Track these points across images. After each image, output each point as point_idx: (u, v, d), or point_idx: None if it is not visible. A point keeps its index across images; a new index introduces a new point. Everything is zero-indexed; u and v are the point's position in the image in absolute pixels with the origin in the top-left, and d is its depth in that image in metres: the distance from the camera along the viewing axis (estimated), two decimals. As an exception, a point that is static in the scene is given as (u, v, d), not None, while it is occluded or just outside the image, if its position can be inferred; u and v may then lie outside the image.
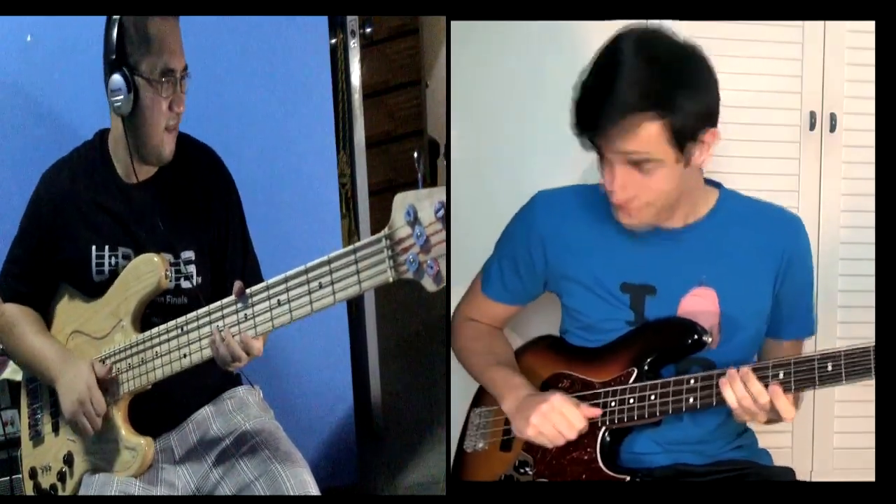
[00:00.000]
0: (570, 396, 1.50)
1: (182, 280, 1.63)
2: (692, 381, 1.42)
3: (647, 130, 1.34)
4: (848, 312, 2.12)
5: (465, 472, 1.66)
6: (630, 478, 1.46)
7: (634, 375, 1.49)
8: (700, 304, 1.50)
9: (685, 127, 1.35)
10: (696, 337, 1.46)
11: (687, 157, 1.39)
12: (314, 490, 1.55)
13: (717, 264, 1.50)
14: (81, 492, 1.62)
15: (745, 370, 1.35)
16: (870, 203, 1.97)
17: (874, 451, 1.63)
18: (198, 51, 1.62)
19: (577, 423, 1.45)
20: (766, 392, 1.33)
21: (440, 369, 2.04)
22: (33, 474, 1.73)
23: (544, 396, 1.48)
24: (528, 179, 1.72)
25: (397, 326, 3.39)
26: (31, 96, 2.04)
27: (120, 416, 1.58)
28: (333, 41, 2.36)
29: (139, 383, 1.54)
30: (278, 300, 1.35)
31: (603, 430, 1.49)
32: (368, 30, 2.48)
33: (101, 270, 1.63)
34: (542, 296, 1.70)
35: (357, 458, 2.52)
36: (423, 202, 1.16)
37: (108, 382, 1.57)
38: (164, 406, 1.64)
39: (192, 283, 1.63)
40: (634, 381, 1.48)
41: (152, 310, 1.60)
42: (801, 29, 2.06)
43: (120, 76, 1.52)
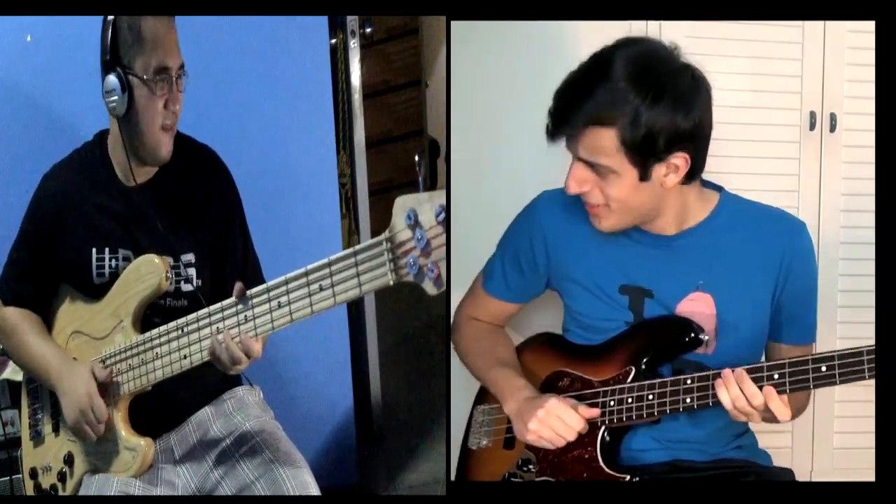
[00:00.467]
0: (568, 398, 1.51)
1: (182, 283, 1.63)
2: (689, 382, 1.42)
3: (597, 138, 1.36)
4: (848, 312, 2.13)
5: (470, 469, 1.67)
6: (630, 476, 1.47)
7: (632, 374, 1.49)
8: (696, 308, 1.50)
9: (643, 143, 1.35)
10: (692, 335, 1.46)
11: (648, 173, 1.38)
12: (314, 490, 1.55)
13: (714, 269, 1.50)
14: (81, 492, 1.62)
15: (740, 371, 1.35)
16: (870, 203, 1.97)
17: (874, 451, 1.62)
18: (198, 51, 1.62)
19: (574, 424, 1.46)
20: (761, 394, 1.33)
21: (440, 370, 2.04)
22: (34, 474, 1.73)
23: (541, 402, 1.48)
24: (528, 180, 1.71)
25: (397, 326, 3.39)
26: (31, 97, 2.04)
27: (120, 416, 1.58)
28: (333, 41, 2.36)
29: (139, 384, 1.54)
30: (278, 302, 1.35)
31: (602, 428, 1.50)
32: (368, 30, 2.48)
33: (101, 273, 1.63)
34: (543, 294, 1.70)
35: (357, 458, 2.52)
36: (423, 206, 1.16)
37: (107, 384, 1.57)
38: (164, 406, 1.64)
39: (192, 286, 1.63)
40: (632, 380, 1.49)
41: (153, 312, 1.59)
42: (801, 29, 2.06)
43: (114, 76, 1.51)
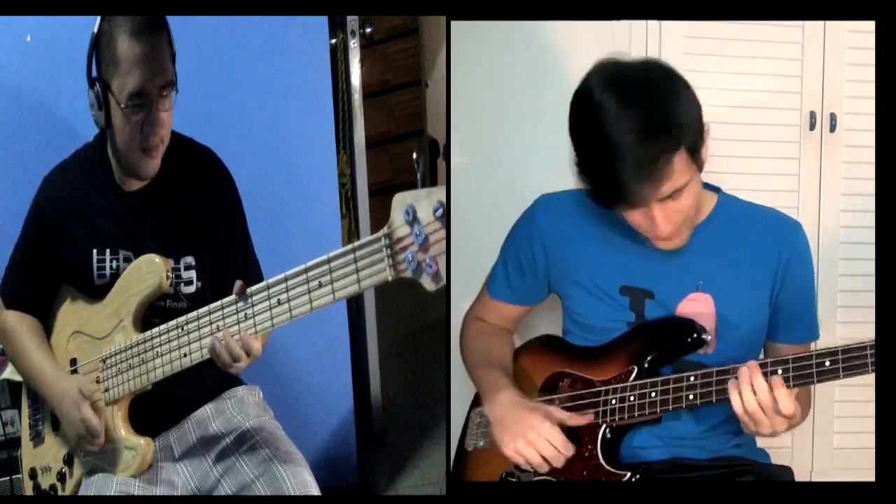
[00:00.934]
0: (560, 408, 1.51)
1: (182, 285, 1.63)
2: (692, 379, 1.42)
3: (675, 165, 1.33)
4: (848, 312, 2.13)
5: (466, 470, 1.67)
6: (630, 473, 1.47)
7: (635, 373, 1.50)
8: (697, 308, 1.50)
9: (697, 138, 1.36)
10: (695, 335, 1.47)
11: (699, 162, 1.39)
12: (314, 489, 1.55)
13: (713, 270, 1.50)
14: (81, 492, 1.62)
15: (753, 363, 1.35)
16: (870, 203, 1.97)
17: (874, 451, 1.63)
18: (198, 51, 1.62)
19: (564, 451, 1.46)
20: (767, 387, 1.33)
21: (440, 370, 2.04)
22: (33, 474, 1.73)
23: (531, 420, 1.47)
24: (528, 179, 1.72)
25: (397, 326, 3.39)
26: (31, 98, 2.04)
27: (120, 416, 1.58)
28: (333, 41, 2.36)
29: (139, 383, 1.54)
30: (278, 299, 1.35)
31: (604, 427, 1.50)
32: (368, 30, 2.48)
33: (102, 274, 1.63)
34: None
35: (357, 458, 2.52)
36: (421, 202, 1.16)
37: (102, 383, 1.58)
38: (163, 405, 1.65)
39: (192, 288, 1.63)
40: (635, 379, 1.49)
41: (153, 313, 1.59)
42: (801, 29, 2.06)
43: (93, 92, 1.52)
